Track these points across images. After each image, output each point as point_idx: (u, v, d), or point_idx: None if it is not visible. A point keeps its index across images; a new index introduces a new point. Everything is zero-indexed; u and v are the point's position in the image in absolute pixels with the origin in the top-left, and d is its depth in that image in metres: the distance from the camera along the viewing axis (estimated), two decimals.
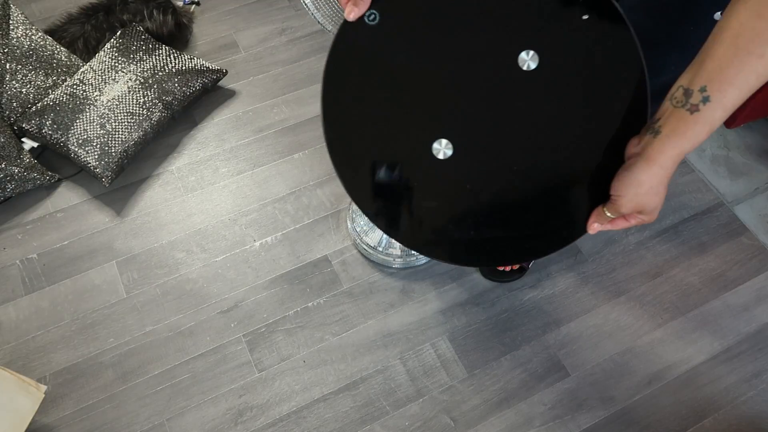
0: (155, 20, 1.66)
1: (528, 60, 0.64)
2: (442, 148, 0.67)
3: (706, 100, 0.55)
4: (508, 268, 1.36)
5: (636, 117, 0.64)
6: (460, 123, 0.67)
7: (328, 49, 0.65)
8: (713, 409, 1.25)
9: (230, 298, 1.35)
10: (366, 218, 1.38)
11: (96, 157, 1.43)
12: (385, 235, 1.36)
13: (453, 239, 0.71)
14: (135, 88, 1.50)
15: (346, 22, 0.64)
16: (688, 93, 0.57)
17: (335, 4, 0.80)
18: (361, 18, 0.64)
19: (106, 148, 1.44)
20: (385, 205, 0.70)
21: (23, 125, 1.46)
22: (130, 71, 1.53)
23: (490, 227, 0.70)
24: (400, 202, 0.70)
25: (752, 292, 1.39)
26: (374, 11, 0.64)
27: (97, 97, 1.48)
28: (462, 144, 0.67)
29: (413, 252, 1.37)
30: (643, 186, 0.61)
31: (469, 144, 0.67)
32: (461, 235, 0.70)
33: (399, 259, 1.37)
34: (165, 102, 1.52)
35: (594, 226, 0.68)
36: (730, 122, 1.60)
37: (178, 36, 1.72)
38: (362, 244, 1.38)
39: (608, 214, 0.66)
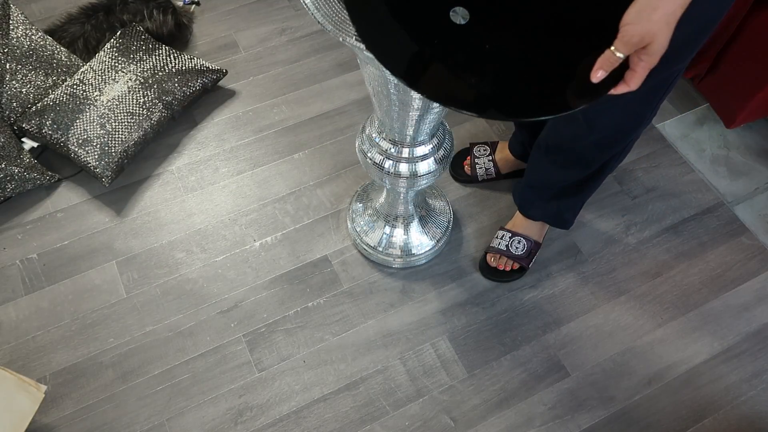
0: (155, 20, 1.66)
1: None
2: (459, 15, 0.68)
3: None
4: (507, 268, 1.36)
5: None
6: None
7: None
8: (713, 409, 1.25)
9: (230, 298, 1.35)
10: (366, 218, 1.38)
11: (96, 157, 1.43)
12: (385, 235, 1.36)
13: (471, 92, 0.70)
14: (135, 88, 1.50)
15: None
16: None
17: (335, 3, 0.80)
18: None
19: (106, 148, 1.44)
20: (405, 55, 0.70)
21: (23, 125, 1.47)
22: (130, 71, 1.53)
23: (508, 82, 0.70)
24: (421, 55, 0.70)
25: (752, 292, 1.39)
26: None
27: (97, 97, 1.48)
28: (479, 11, 0.68)
29: (413, 252, 1.37)
30: (658, 11, 0.59)
31: (486, 10, 0.68)
32: (480, 88, 0.70)
33: (399, 259, 1.37)
34: (165, 102, 1.52)
35: (598, 74, 0.65)
36: (730, 122, 1.60)
37: (178, 36, 1.72)
38: (362, 244, 1.38)
39: (617, 54, 0.63)
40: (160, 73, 1.54)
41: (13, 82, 1.49)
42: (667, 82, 1.00)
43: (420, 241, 1.37)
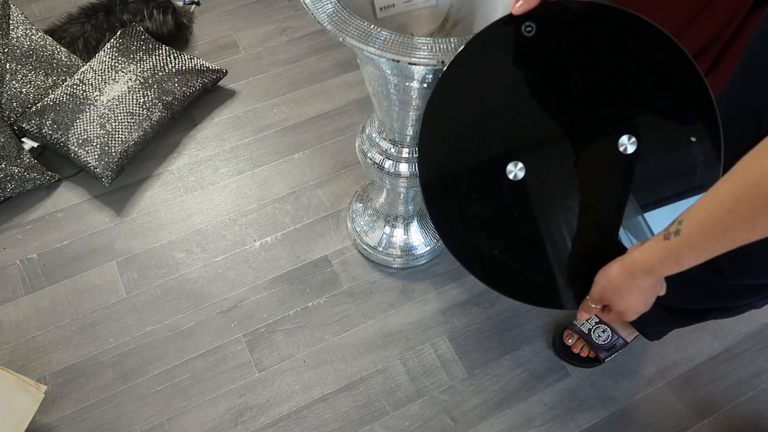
0: (155, 20, 1.66)
1: (627, 144, 0.69)
2: (516, 170, 0.70)
3: (677, 233, 0.54)
4: (583, 353, 1.27)
5: None
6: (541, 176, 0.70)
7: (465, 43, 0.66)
8: (713, 409, 1.25)
9: (230, 298, 1.35)
10: (366, 218, 1.38)
11: (96, 157, 1.43)
12: (385, 236, 1.36)
13: (478, 250, 0.72)
14: (135, 88, 1.50)
15: (500, 27, 0.66)
16: (676, 219, 0.56)
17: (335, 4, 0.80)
18: (518, 23, 0.65)
19: (106, 148, 1.44)
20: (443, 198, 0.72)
21: (23, 125, 1.47)
22: (130, 71, 1.53)
23: (514, 257, 0.72)
24: (456, 203, 0.71)
25: None
26: (532, 23, 0.66)
27: (97, 97, 1.48)
28: (533, 177, 0.70)
29: (413, 252, 1.37)
30: (612, 283, 0.64)
31: (539, 181, 0.70)
32: (486, 249, 0.71)
33: (399, 259, 1.37)
34: (165, 102, 1.52)
35: (583, 314, 0.71)
36: None
37: (178, 36, 1.72)
38: (362, 244, 1.38)
39: (590, 303, 0.69)
40: (160, 73, 1.54)
41: (13, 82, 1.49)
42: None
43: (420, 241, 1.37)
